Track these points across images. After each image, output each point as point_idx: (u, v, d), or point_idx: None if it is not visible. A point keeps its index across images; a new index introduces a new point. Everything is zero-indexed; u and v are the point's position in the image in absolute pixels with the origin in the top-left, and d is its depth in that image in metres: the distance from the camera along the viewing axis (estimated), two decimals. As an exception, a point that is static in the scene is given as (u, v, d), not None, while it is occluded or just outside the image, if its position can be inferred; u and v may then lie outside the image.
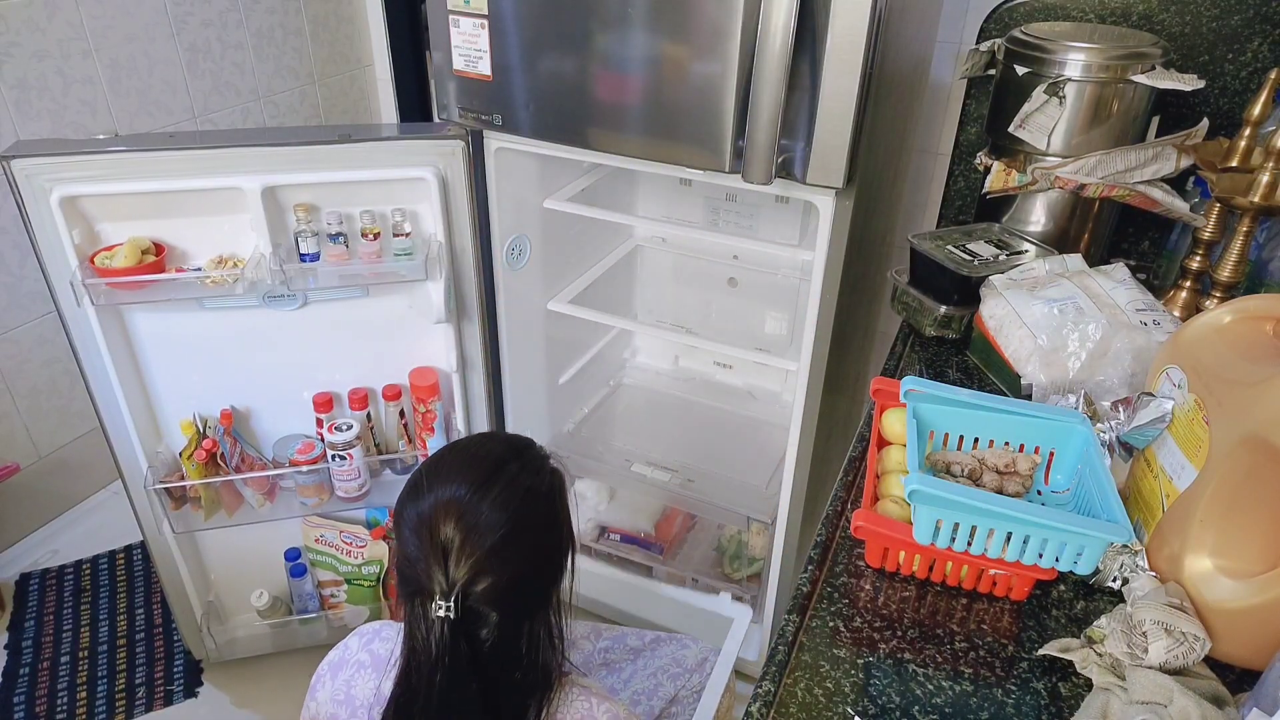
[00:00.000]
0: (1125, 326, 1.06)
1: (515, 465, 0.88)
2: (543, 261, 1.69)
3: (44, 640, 1.87)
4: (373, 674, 0.97)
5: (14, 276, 1.94)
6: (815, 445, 1.47)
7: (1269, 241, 1.24)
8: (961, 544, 0.84)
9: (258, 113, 2.34)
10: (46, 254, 1.33)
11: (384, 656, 0.97)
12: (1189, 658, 0.74)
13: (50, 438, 2.12)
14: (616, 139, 1.29)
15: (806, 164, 1.18)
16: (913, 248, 1.33)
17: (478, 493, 0.84)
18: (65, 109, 1.90)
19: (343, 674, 0.99)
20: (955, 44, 1.80)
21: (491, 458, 0.88)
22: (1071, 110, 1.27)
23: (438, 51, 1.34)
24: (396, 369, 1.62)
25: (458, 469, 0.87)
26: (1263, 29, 1.37)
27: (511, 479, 0.86)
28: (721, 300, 2.02)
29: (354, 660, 0.99)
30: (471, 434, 0.99)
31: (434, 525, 0.82)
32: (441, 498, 0.83)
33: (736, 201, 1.84)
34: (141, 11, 1.99)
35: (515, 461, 0.89)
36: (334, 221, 1.39)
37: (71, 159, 1.29)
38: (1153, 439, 0.89)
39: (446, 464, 0.89)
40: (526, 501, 0.86)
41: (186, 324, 1.48)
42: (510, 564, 0.83)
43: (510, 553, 0.83)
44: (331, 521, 1.73)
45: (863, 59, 1.09)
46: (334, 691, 0.98)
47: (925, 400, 0.95)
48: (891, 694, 0.79)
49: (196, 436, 1.54)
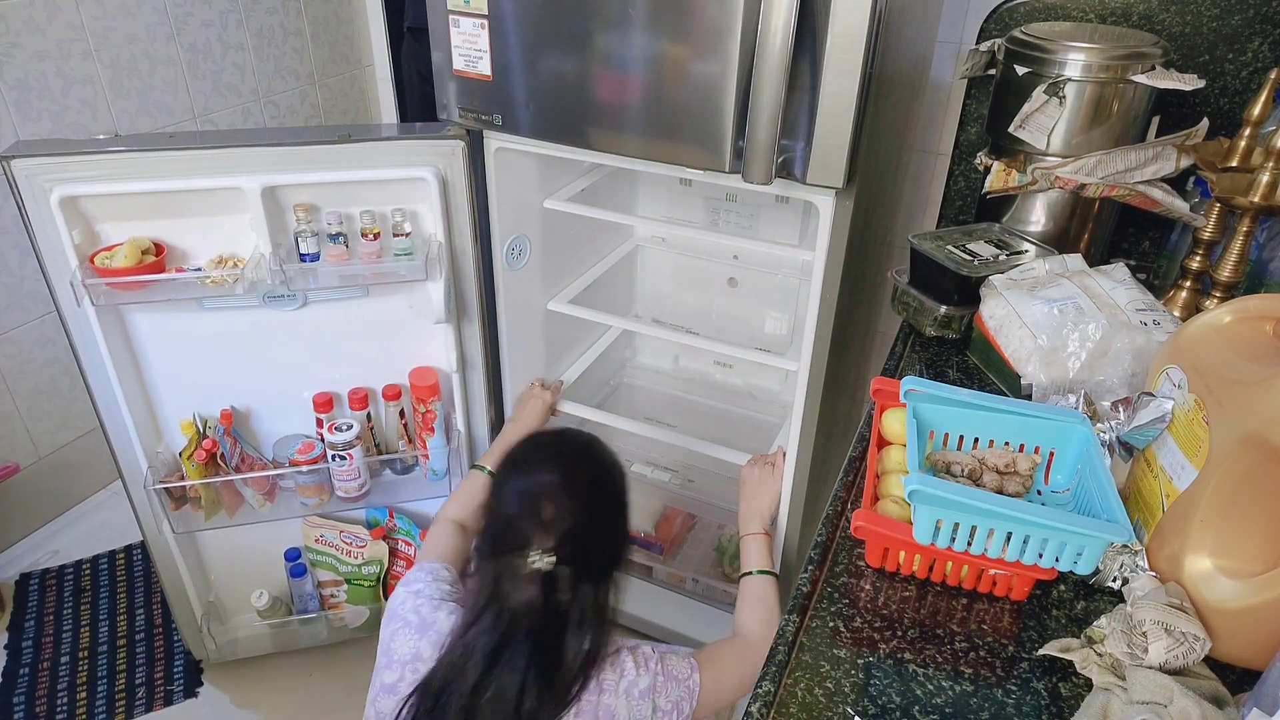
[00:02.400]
0: (1125, 326, 1.06)
1: (594, 458, 1.11)
2: (543, 261, 1.69)
3: (44, 640, 1.87)
4: (416, 635, 1.08)
5: (14, 276, 1.94)
6: (815, 445, 1.47)
7: (1269, 241, 1.23)
8: (961, 544, 0.84)
9: (258, 113, 2.34)
10: (46, 254, 1.33)
11: (431, 623, 1.09)
12: (1189, 658, 0.74)
13: (50, 438, 2.12)
14: (616, 139, 1.29)
15: (806, 164, 1.18)
16: (913, 248, 1.33)
17: (570, 478, 1.04)
18: (65, 109, 1.90)
19: (391, 625, 1.12)
20: (955, 44, 1.80)
21: (576, 450, 1.11)
22: (1071, 110, 1.27)
23: (438, 51, 1.33)
24: (396, 369, 1.62)
25: (552, 455, 1.08)
26: (1263, 29, 1.37)
27: (593, 469, 1.10)
28: (721, 300, 2.02)
29: (403, 617, 1.11)
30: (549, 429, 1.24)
31: (536, 499, 1.01)
32: (539, 475, 1.04)
33: (736, 201, 1.84)
34: (142, 12, 1.99)
35: (594, 455, 1.11)
36: (334, 221, 1.39)
37: (71, 159, 1.29)
38: (1153, 439, 0.89)
39: (541, 450, 1.10)
40: (604, 488, 1.09)
41: (186, 324, 1.48)
42: (589, 536, 1.03)
43: (590, 527, 1.03)
44: (331, 521, 1.73)
45: (863, 59, 1.09)
46: (382, 637, 1.12)
47: (925, 400, 0.95)
48: (891, 694, 0.79)
49: (196, 436, 1.54)
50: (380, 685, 1.08)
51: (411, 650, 1.07)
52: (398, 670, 1.06)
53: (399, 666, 1.07)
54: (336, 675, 1.81)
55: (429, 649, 1.06)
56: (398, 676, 1.06)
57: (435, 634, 1.07)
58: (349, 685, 1.79)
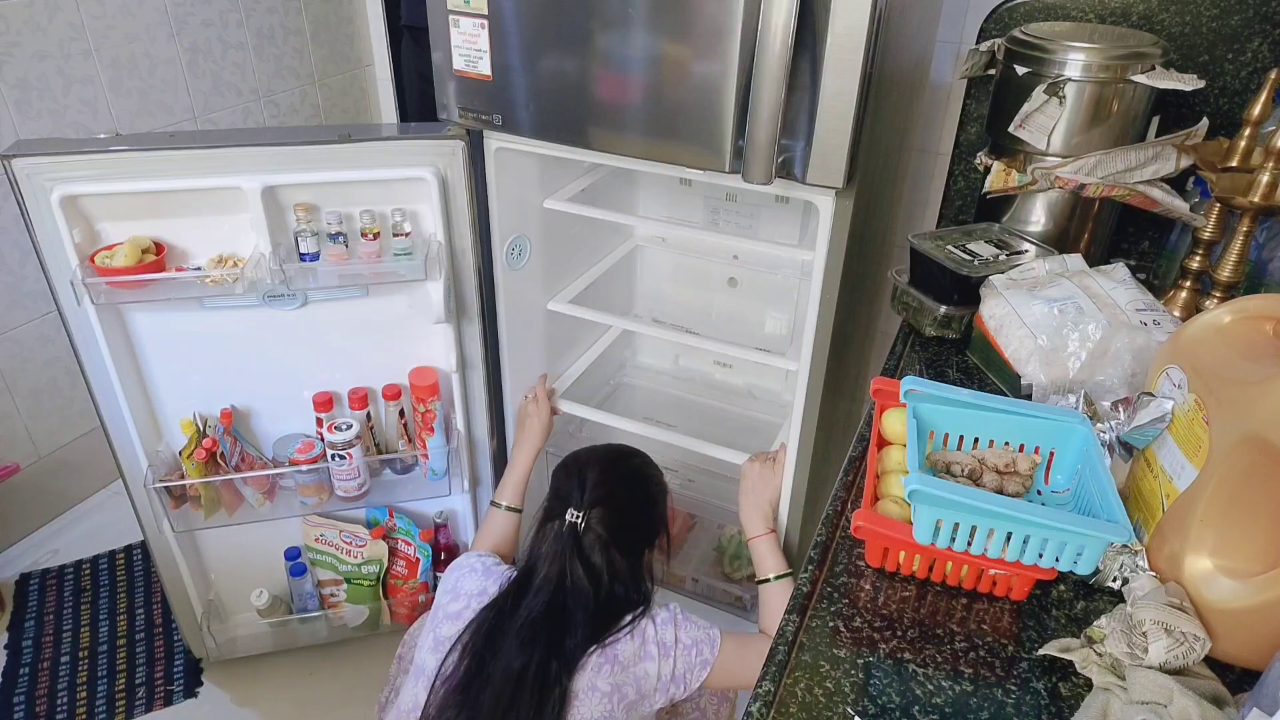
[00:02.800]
0: (1125, 326, 1.06)
1: (638, 460, 1.37)
2: (543, 261, 1.69)
3: (44, 640, 1.87)
4: (482, 576, 1.27)
5: (14, 276, 1.94)
6: (815, 445, 1.47)
7: (1269, 241, 1.23)
8: (961, 544, 0.84)
9: (258, 113, 2.34)
10: (47, 253, 1.33)
11: (493, 570, 1.29)
12: (1189, 658, 0.74)
13: (50, 437, 2.12)
14: (617, 139, 1.29)
15: (806, 164, 1.18)
16: (913, 248, 1.33)
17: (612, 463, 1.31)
18: (66, 109, 1.90)
19: (455, 574, 1.30)
20: (955, 44, 1.80)
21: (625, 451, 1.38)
22: (1071, 110, 1.27)
23: (438, 51, 1.33)
24: (396, 369, 1.62)
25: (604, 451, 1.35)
26: (1263, 29, 1.37)
27: (634, 467, 1.35)
28: (721, 300, 2.02)
29: (469, 565, 1.31)
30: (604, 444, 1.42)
31: (581, 469, 1.27)
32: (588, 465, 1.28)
33: (736, 201, 1.84)
34: (142, 11, 1.99)
35: (639, 458, 1.37)
36: (334, 221, 1.39)
37: (72, 158, 1.29)
38: (1153, 439, 0.89)
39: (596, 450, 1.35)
40: (641, 481, 1.33)
41: (186, 323, 1.48)
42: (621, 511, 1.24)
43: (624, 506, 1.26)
44: (331, 521, 1.73)
45: (863, 59, 1.09)
46: (445, 586, 1.29)
47: (925, 400, 0.95)
48: (891, 694, 0.79)
49: (196, 436, 1.54)
50: (446, 613, 1.23)
51: (479, 586, 1.24)
52: (464, 600, 1.23)
53: (466, 598, 1.23)
54: (336, 674, 1.81)
55: (494, 587, 1.24)
56: (464, 605, 1.22)
57: (499, 578, 1.26)
58: (349, 684, 1.79)
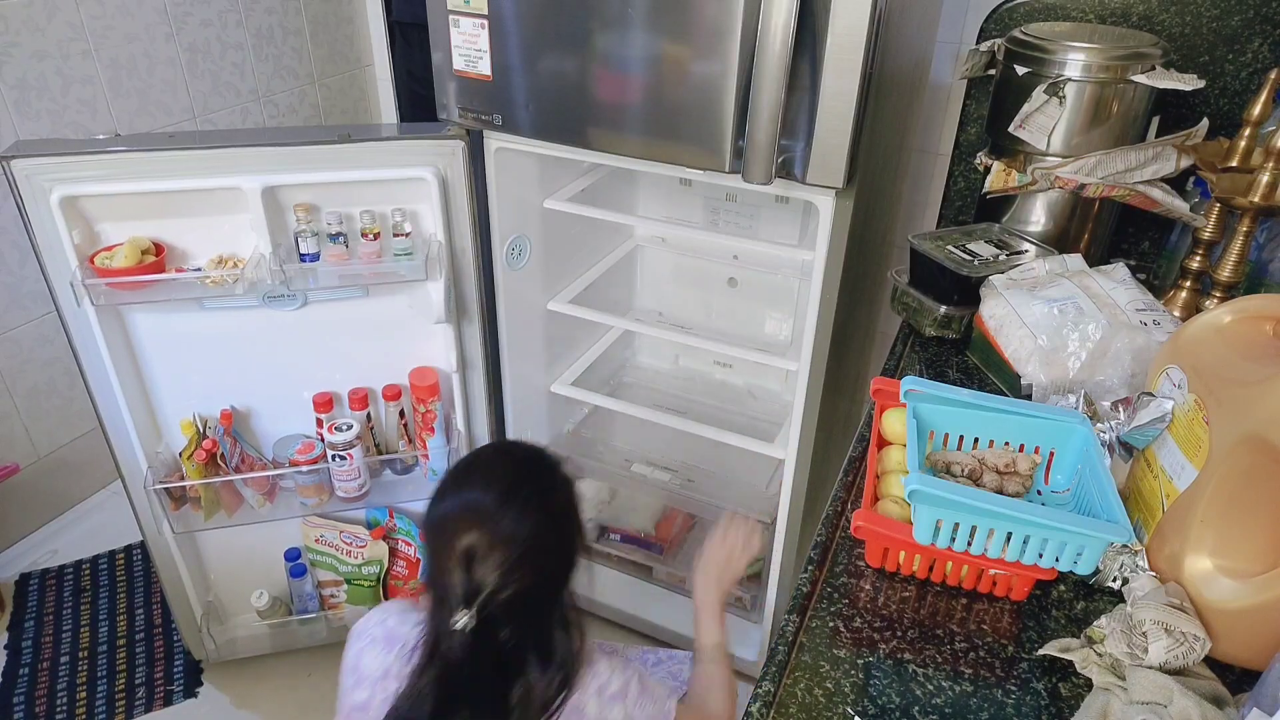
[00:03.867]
0: (1125, 326, 1.06)
1: (532, 479, 0.94)
2: (543, 261, 1.69)
3: (44, 640, 1.87)
4: (384, 650, 1.01)
5: (14, 276, 1.94)
6: (815, 445, 1.47)
7: (1269, 241, 1.24)
8: (961, 544, 0.84)
9: (257, 113, 2.34)
10: (46, 254, 1.33)
11: (399, 637, 1.01)
12: (1189, 658, 0.74)
13: (50, 438, 2.12)
14: (616, 139, 1.29)
15: (806, 164, 1.18)
16: (913, 248, 1.33)
17: (499, 507, 0.89)
18: (65, 109, 1.90)
19: (356, 645, 1.04)
20: (955, 44, 1.80)
21: (509, 472, 0.94)
22: (1071, 110, 1.27)
23: (438, 51, 1.33)
24: (396, 369, 1.62)
25: (478, 482, 0.92)
26: (1263, 29, 1.37)
27: (530, 494, 0.91)
28: (721, 300, 2.02)
29: (370, 634, 1.04)
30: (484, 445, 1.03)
31: (457, 536, 0.86)
32: (465, 509, 0.89)
33: (736, 201, 1.84)
34: (141, 11, 1.99)
35: (532, 475, 0.95)
36: (334, 221, 1.39)
37: (71, 159, 1.29)
38: (1153, 439, 0.89)
39: (467, 477, 0.94)
40: (544, 513, 0.92)
41: (186, 324, 1.48)
42: (529, 573, 0.88)
43: (529, 563, 0.88)
44: (331, 521, 1.73)
45: (863, 59, 1.09)
46: (347, 659, 1.04)
47: (925, 400, 0.95)
48: (891, 694, 0.79)
49: (196, 436, 1.54)
50: (351, 705, 1.02)
51: (381, 667, 1.00)
52: (368, 689, 1.01)
53: (369, 684, 1.01)
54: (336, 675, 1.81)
55: (398, 664, 0.98)
56: (368, 694, 1.00)
57: (402, 647, 0.99)
58: (349, 685, 1.79)
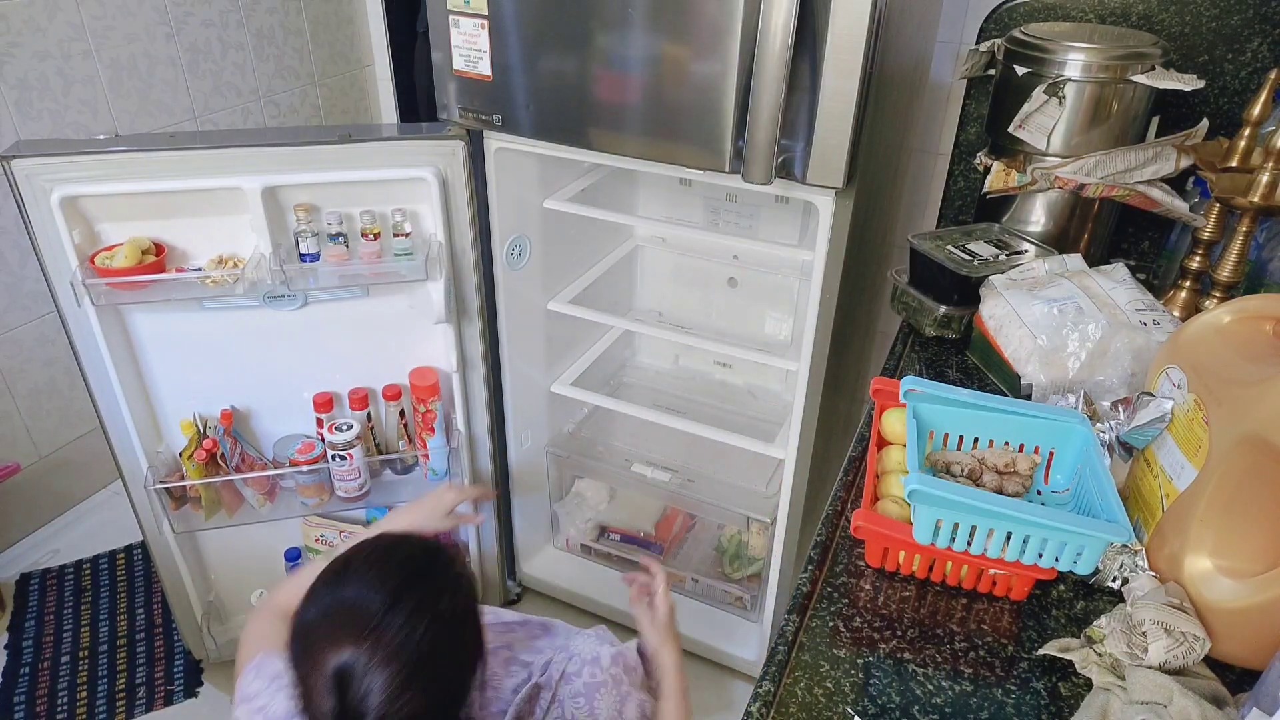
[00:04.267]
0: (1125, 326, 1.06)
1: (424, 578, 0.79)
2: (543, 261, 1.69)
3: (44, 640, 1.87)
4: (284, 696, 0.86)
5: (14, 276, 1.94)
6: (815, 445, 1.47)
7: (1269, 241, 1.24)
8: (961, 544, 0.84)
9: (258, 113, 2.34)
10: (47, 254, 1.33)
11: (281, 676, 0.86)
12: (1189, 658, 0.74)
13: (50, 438, 2.12)
14: (616, 139, 1.29)
15: (806, 164, 1.18)
16: (913, 248, 1.33)
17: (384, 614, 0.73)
18: (66, 109, 1.90)
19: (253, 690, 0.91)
20: (955, 44, 1.80)
21: (396, 570, 0.78)
22: (1071, 110, 1.27)
23: (438, 51, 1.34)
24: (396, 369, 1.62)
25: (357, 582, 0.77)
26: (1263, 29, 1.37)
27: (422, 596, 0.76)
28: (721, 300, 2.02)
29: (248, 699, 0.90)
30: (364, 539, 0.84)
31: (329, 651, 0.71)
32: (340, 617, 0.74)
33: (736, 201, 1.84)
34: (142, 11, 1.99)
35: (423, 573, 0.79)
36: (334, 222, 1.39)
37: (72, 159, 1.29)
38: (1152, 439, 0.89)
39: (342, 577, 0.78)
40: (439, 620, 0.77)
41: (186, 324, 1.48)
42: (420, 696, 0.73)
43: (421, 682, 0.73)
44: (332, 521, 1.73)
45: (863, 59, 1.09)
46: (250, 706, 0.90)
47: (925, 400, 0.95)
48: (891, 694, 0.79)
49: (197, 436, 1.54)
50: None
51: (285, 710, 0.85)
52: None
53: None
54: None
55: None
56: None
57: None
58: (349, 685, 1.79)
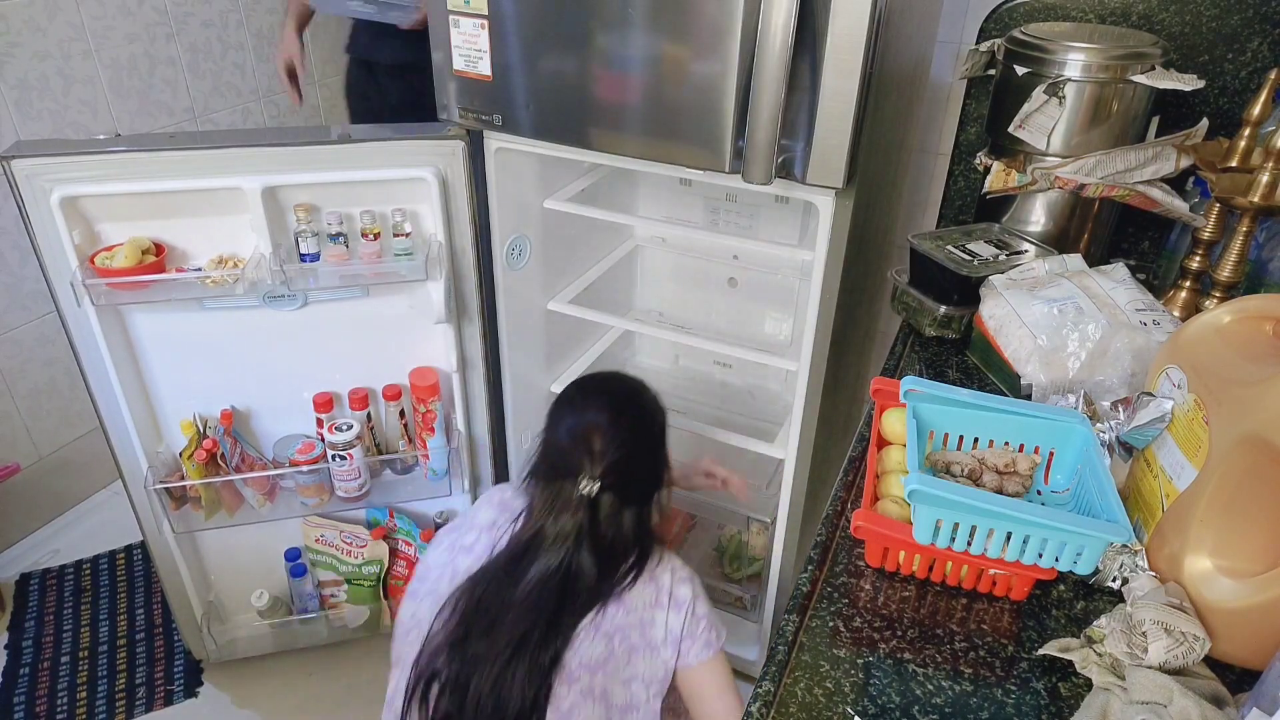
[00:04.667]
0: (1125, 326, 1.06)
1: (639, 401, 1.21)
2: (543, 261, 1.69)
3: (44, 640, 1.88)
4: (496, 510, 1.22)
5: (14, 276, 1.94)
6: (815, 445, 1.47)
7: (1269, 241, 1.24)
8: (961, 544, 0.84)
9: (258, 113, 2.34)
10: (47, 254, 1.33)
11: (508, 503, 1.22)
12: (1189, 658, 0.74)
13: (50, 438, 2.12)
14: (616, 139, 1.29)
15: (806, 164, 1.18)
16: (913, 248, 1.33)
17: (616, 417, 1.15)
18: (66, 109, 1.91)
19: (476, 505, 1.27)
20: (955, 44, 1.80)
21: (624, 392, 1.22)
22: (1071, 110, 1.27)
23: (438, 51, 1.33)
24: (396, 369, 1.62)
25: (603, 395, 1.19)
26: (1263, 29, 1.37)
27: (639, 411, 1.19)
28: (721, 300, 2.02)
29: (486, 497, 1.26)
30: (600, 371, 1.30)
31: (587, 432, 1.12)
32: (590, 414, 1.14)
33: (736, 201, 1.84)
34: (142, 12, 1.99)
35: (640, 398, 1.22)
36: (334, 222, 1.40)
37: (72, 159, 1.29)
38: (1152, 439, 0.89)
39: (593, 390, 1.21)
40: (646, 427, 1.19)
41: (186, 324, 1.48)
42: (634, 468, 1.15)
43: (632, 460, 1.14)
44: (332, 521, 1.73)
45: (863, 59, 1.09)
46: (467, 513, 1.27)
47: (925, 400, 0.95)
48: (891, 694, 0.79)
49: (197, 436, 1.54)
50: (460, 546, 1.20)
51: (490, 519, 1.21)
52: (475, 533, 1.20)
53: (478, 530, 1.20)
54: (336, 675, 1.81)
55: (506, 521, 1.19)
56: (474, 538, 1.19)
57: (511, 511, 1.20)
58: (349, 685, 1.79)
